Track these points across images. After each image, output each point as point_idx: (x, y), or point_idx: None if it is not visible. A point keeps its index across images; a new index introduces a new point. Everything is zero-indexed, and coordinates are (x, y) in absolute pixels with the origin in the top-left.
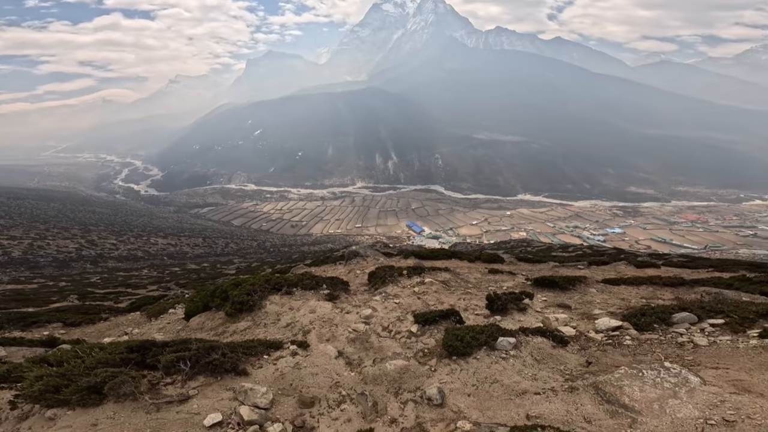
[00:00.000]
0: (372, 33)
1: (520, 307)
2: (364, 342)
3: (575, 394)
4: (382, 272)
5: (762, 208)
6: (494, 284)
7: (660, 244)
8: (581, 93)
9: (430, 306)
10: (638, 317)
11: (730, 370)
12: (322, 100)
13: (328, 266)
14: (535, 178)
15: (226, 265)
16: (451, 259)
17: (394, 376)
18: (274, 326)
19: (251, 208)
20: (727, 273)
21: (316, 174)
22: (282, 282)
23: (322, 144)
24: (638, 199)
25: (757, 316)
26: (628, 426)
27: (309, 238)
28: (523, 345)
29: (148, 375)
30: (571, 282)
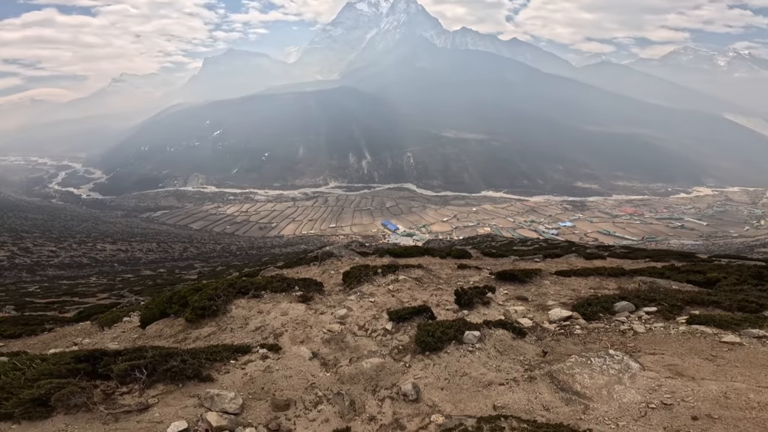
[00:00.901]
0: (345, 32)
1: (484, 300)
2: (339, 342)
3: (534, 383)
4: (357, 272)
5: (687, 201)
6: (463, 279)
7: (605, 236)
8: (534, 92)
9: (405, 303)
10: (585, 307)
11: (665, 356)
12: (292, 99)
13: (302, 267)
14: (496, 174)
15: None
16: (424, 256)
17: (370, 374)
18: (242, 331)
19: (212, 211)
20: (660, 263)
21: (286, 174)
22: (249, 285)
23: (292, 144)
24: (584, 194)
25: (684, 303)
26: (582, 412)
27: (280, 239)
28: (487, 338)
29: (101, 385)
30: (529, 275)
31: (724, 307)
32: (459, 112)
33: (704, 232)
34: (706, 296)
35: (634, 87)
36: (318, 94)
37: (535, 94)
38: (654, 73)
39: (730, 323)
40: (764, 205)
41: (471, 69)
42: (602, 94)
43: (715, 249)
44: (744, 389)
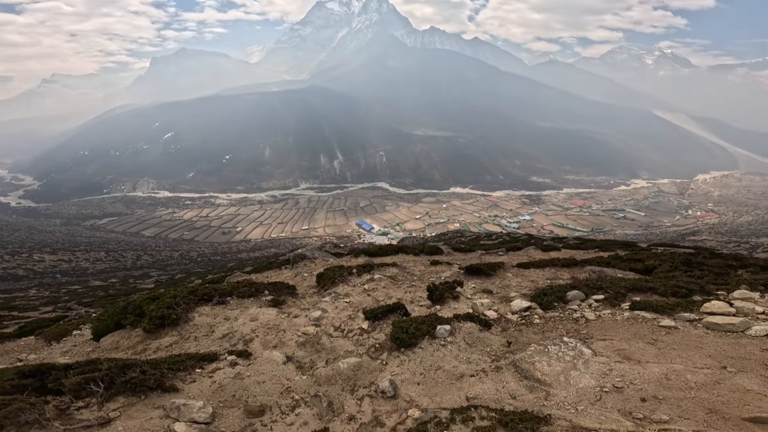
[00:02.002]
0: (315, 31)
1: (454, 295)
2: (315, 344)
3: (500, 373)
4: (332, 273)
5: (626, 193)
6: (435, 275)
7: (559, 228)
8: (493, 90)
9: (380, 302)
10: (542, 297)
11: (614, 341)
12: (256, 99)
13: (272, 272)
14: (462, 170)
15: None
16: (398, 254)
17: (348, 374)
18: (208, 339)
19: (167, 217)
20: (606, 252)
21: (252, 177)
22: (212, 292)
23: (257, 145)
24: (539, 188)
25: (626, 290)
26: (544, 399)
27: (247, 244)
28: (457, 331)
29: (53, 401)
30: (493, 268)
31: (660, 293)
32: (427, 110)
33: (643, 222)
34: (644, 283)
35: (578, 84)
36: (285, 94)
37: (494, 92)
38: (595, 71)
39: (665, 308)
40: (690, 196)
41: (438, 68)
42: (551, 91)
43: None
44: (682, 370)
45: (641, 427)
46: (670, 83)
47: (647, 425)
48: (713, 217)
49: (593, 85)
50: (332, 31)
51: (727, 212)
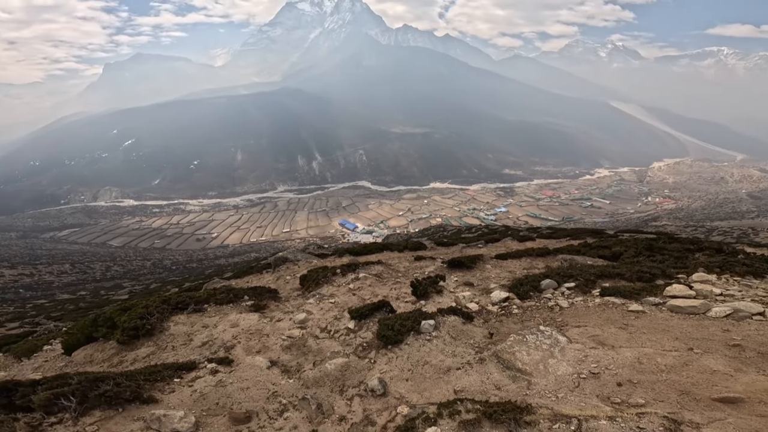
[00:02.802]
0: (286, 32)
1: (437, 289)
2: (301, 347)
3: (484, 365)
4: (315, 274)
5: (591, 182)
6: (419, 270)
7: (533, 218)
8: (465, 85)
9: (366, 300)
10: (519, 288)
11: (588, 327)
12: (224, 103)
13: (253, 276)
14: (441, 166)
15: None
16: (383, 252)
17: (336, 374)
18: (186, 348)
19: (135, 226)
20: (577, 240)
21: (223, 182)
22: (187, 300)
23: (227, 150)
24: (512, 180)
25: (596, 277)
26: (527, 388)
27: (225, 250)
28: (442, 325)
29: (23, 418)
30: (474, 261)
31: (627, 278)
32: (404, 108)
33: (609, 210)
34: (612, 269)
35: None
36: (256, 96)
37: (466, 87)
38: (555, 65)
39: (632, 293)
40: (648, 183)
41: (412, 65)
42: (516, 85)
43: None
44: (652, 354)
45: (620, 411)
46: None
47: (625, 409)
48: (671, 203)
49: (554, 79)
50: (304, 31)
51: (682, 198)
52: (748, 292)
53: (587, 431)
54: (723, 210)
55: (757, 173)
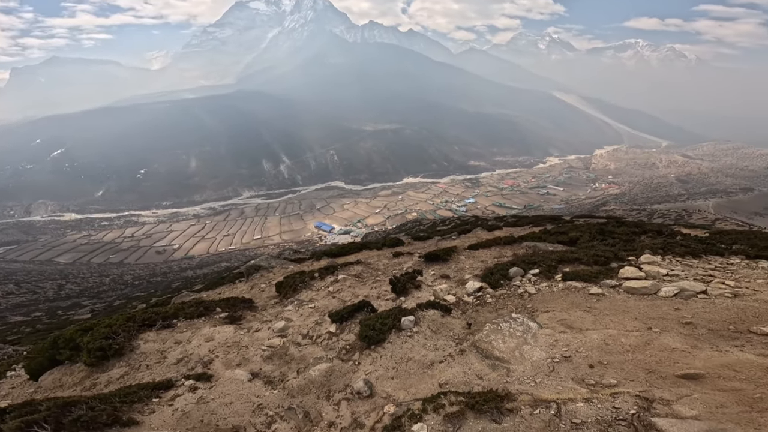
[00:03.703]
0: (237, 33)
1: (415, 284)
2: (283, 356)
3: (465, 355)
4: (292, 280)
5: (545, 171)
6: (398, 267)
7: (498, 207)
8: (429, 79)
9: (346, 302)
10: (490, 277)
11: (555, 312)
12: (167, 108)
13: (225, 287)
14: (412, 161)
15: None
16: (362, 251)
17: (321, 380)
18: (161, 366)
19: (83, 240)
20: (538, 227)
21: (178, 191)
22: (153, 316)
23: (178, 157)
24: (477, 171)
25: (556, 262)
26: (506, 375)
27: (191, 261)
28: (421, 320)
29: None
30: (448, 253)
31: (585, 263)
32: (374, 105)
33: (563, 197)
34: (570, 254)
35: (492, 70)
36: (207, 100)
37: (430, 82)
38: (504, 57)
39: (591, 276)
40: (594, 170)
41: (380, 61)
42: (473, 78)
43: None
44: (617, 335)
45: (595, 393)
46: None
47: (600, 390)
48: (615, 188)
49: (504, 71)
50: (260, 31)
51: (624, 183)
52: (690, 271)
53: (566, 414)
54: (659, 194)
55: (681, 158)
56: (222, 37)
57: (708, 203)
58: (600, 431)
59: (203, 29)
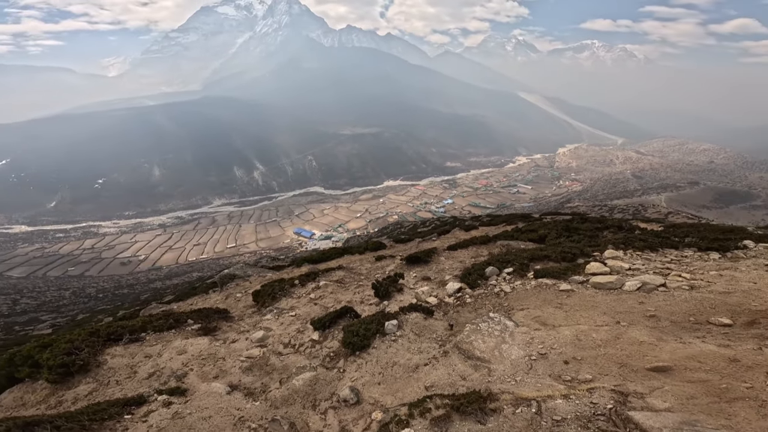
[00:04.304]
0: (203, 38)
1: (398, 288)
2: (263, 366)
3: (448, 357)
4: (270, 288)
5: (514, 170)
6: (381, 270)
7: (474, 207)
8: (407, 82)
9: (329, 308)
10: (468, 277)
11: (530, 309)
12: (126, 115)
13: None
14: (392, 164)
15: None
16: (344, 256)
17: (305, 390)
18: (132, 380)
19: (37, 253)
20: (510, 226)
21: (142, 200)
22: (119, 330)
23: (140, 166)
24: (453, 172)
25: (528, 260)
26: (488, 375)
27: (159, 272)
28: (405, 323)
29: None
30: (429, 255)
31: (554, 260)
32: (352, 109)
33: (531, 195)
34: (540, 252)
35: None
36: (170, 107)
37: (408, 84)
38: (476, 60)
39: (560, 273)
40: (558, 168)
41: (358, 65)
42: (449, 80)
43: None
44: (588, 330)
45: (572, 389)
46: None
47: (577, 386)
48: (578, 185)
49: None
50: (229, 36)
51: (585, 180)
52: (649, 265)
53: (547, 411)
54: (617, 189)
55: (635, 155)
56: (186, 43)
57: (661, 197)
58: (580, 427)
59: (165, 35)
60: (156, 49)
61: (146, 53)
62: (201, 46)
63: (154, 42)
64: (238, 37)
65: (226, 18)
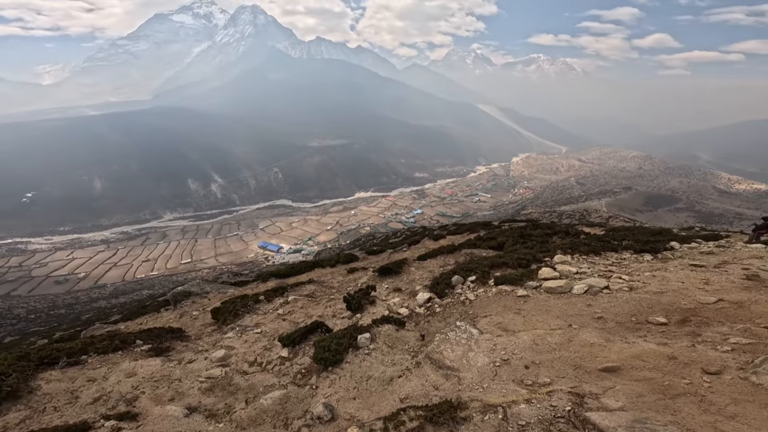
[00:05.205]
0: (155, 46)
1: (370, 300)
2: (226, 386)
3: (421, 368)
4: (232, 305)
5: (475, 179)
6: (353, 283)
7: (442, 217)
8: (377, 94)
9: (299, 324)
10: (436, 287)
11: (492, 316)
12: (63, 125)
13: (148, 317)
14: (363, 175)
15: None
16: (314, 269)
17: (275, 409)
18: (73, 406)
19: None
20: (474, 234)
21: (79, 215)
22: (56, 353)
23: (78, 178)
24: (421, 182)
25: (489, 268)
26: (458, 383)
27: (103, 290)
28: (378, 336)
29: None
30: (400, 265)
31: (511, 266)
32: (321, 120)
33: (491, 203)
34: (499, 259)
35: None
36: (115, 116)
37: (378, 96)
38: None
39: (517, 279)
40: (513, 176)
41: (327, 77)
42: (416, 92)
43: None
44: (543, 334)
45: (534, 393)
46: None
47: (537, 390)
48: (530, 193)
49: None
50: (184, 45)
51: (536, 187)
52: (594, 268)
53: (512, 417)
54: (564, 196)
55: (577, 162)
56: (135, 51)
57: (601, 203)
58: (543, 431)
59: (112, 42)
60: (101, 56)
61: (89, 61)
62: (152, 55)
63: (99, 49)
64: (195, 47)
65: (182, 26)
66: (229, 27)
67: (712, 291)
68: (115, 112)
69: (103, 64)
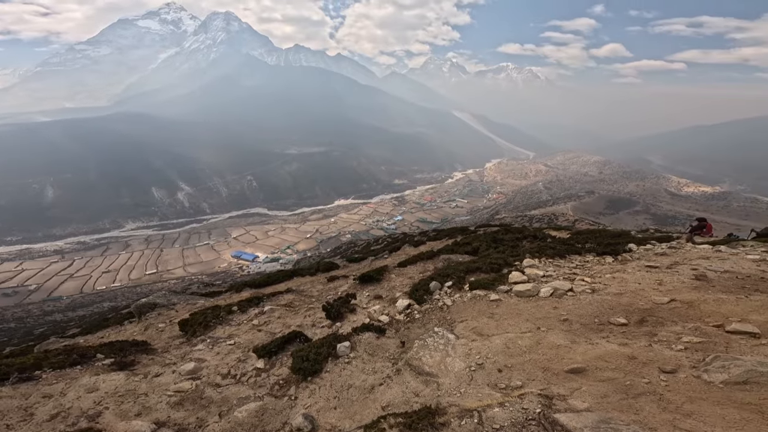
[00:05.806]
0: (117, 52)
1: (350, 308)
2: (197, 400)
3: (401, 375)
4: (201, 317)
5: (453, 185)
6: (333, 291)
7: (422, 223)
8: (357, 101)
9: (276, 334)
10: (415, 294)
11: (468, 321)
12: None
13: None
14: (342, 183)
15: None
16: (293, 278)
17: (251, 422)
18: (28, 424)
19: None
20: (451, 239)
21: (29, 224)
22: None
23: (28, 186)
24: (401, 189)
25: (464, 273)
26: (437, 389)
27: (58, 303)
28: (358, 344)
29: None
30: (381, 273)
31: (484, 271)
32: (299, 127)
33: (468, 208)
34: (474, 264)
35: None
36: (70, 123)
37: (358, 104)
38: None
39: (489, 284)
40: (486, 182)
41: (306, 84)
42: (395, 100)
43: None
44: (514, 338)
45: (507, 396)
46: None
47: (510, 393)
48: (502, 198)
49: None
50: (149, 51)
51: (508, 192)
52: (559, 271)
53: (487, 421)
54: (533, 200)
55: (544, 168)
56: (95, 56)
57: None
58: None
59: (69, 47)
60: (56, 61)
61: (43, 66)
62: (114, 60)
63: (55, 54)
64: (162, 53)
65: (148, 32)
66: (200, 33)
67: (665, 291)
68: (71, 118)
69: (58, 69)
